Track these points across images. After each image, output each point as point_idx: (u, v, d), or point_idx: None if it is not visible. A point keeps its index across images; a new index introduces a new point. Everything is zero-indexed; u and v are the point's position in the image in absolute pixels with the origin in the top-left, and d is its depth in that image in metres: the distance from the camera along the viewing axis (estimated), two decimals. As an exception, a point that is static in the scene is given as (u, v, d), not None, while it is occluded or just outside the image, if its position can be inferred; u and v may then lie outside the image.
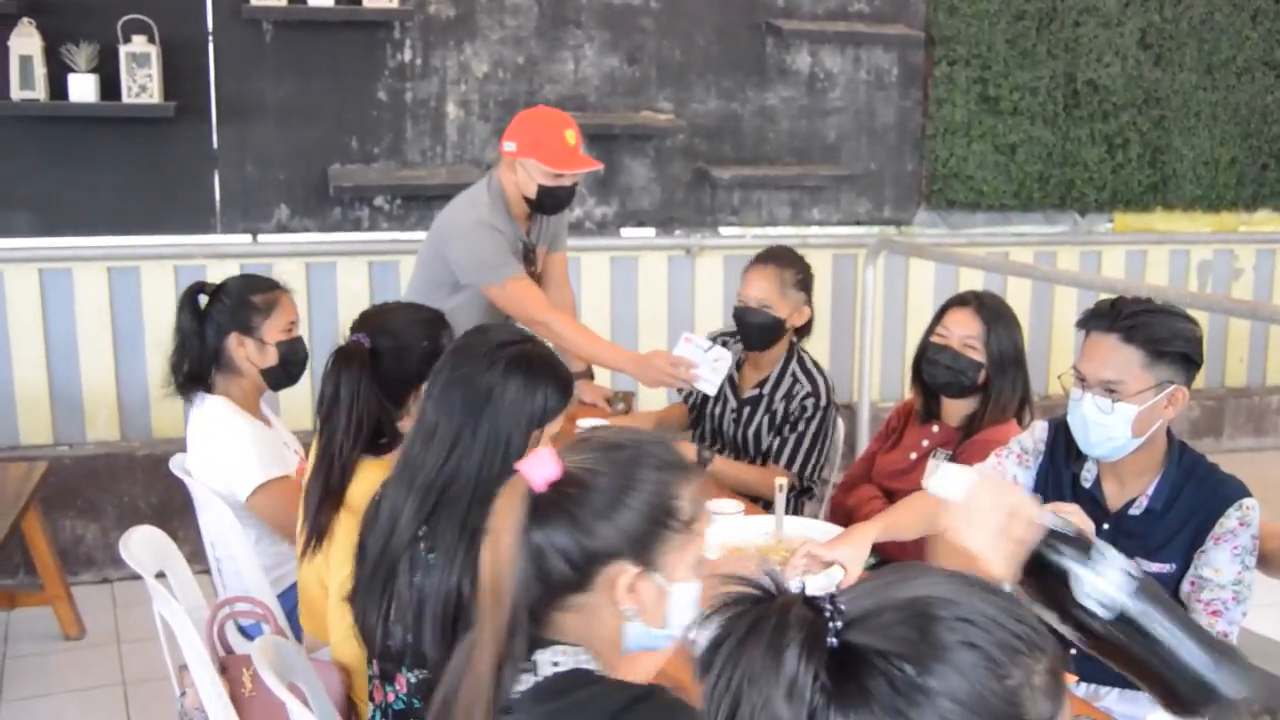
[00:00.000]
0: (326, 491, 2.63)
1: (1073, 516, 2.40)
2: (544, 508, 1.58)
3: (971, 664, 1.01)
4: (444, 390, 2.22)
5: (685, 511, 1.65)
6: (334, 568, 2.59)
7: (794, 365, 3.72)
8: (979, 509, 1.66)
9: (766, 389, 3.72)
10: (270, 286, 3.34)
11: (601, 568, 1.60)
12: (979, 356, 3.18)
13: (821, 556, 2.53)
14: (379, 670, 2.22)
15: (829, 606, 1.03)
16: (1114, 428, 2.49)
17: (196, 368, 3.25)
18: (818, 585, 2.62)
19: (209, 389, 3.26)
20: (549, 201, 3.83)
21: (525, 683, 1.58)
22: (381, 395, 2.65)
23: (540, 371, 2.24)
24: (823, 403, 3.66)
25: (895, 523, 2.72)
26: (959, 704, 0.99)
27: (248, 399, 3.30)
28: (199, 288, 3.28)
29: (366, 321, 2.79)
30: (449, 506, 2.14)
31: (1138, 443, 2.52)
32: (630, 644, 1.66)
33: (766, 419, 3.70)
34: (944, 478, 1.70)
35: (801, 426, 3.64)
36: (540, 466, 1.58)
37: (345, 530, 2.60)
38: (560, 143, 3.73)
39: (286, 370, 3.33)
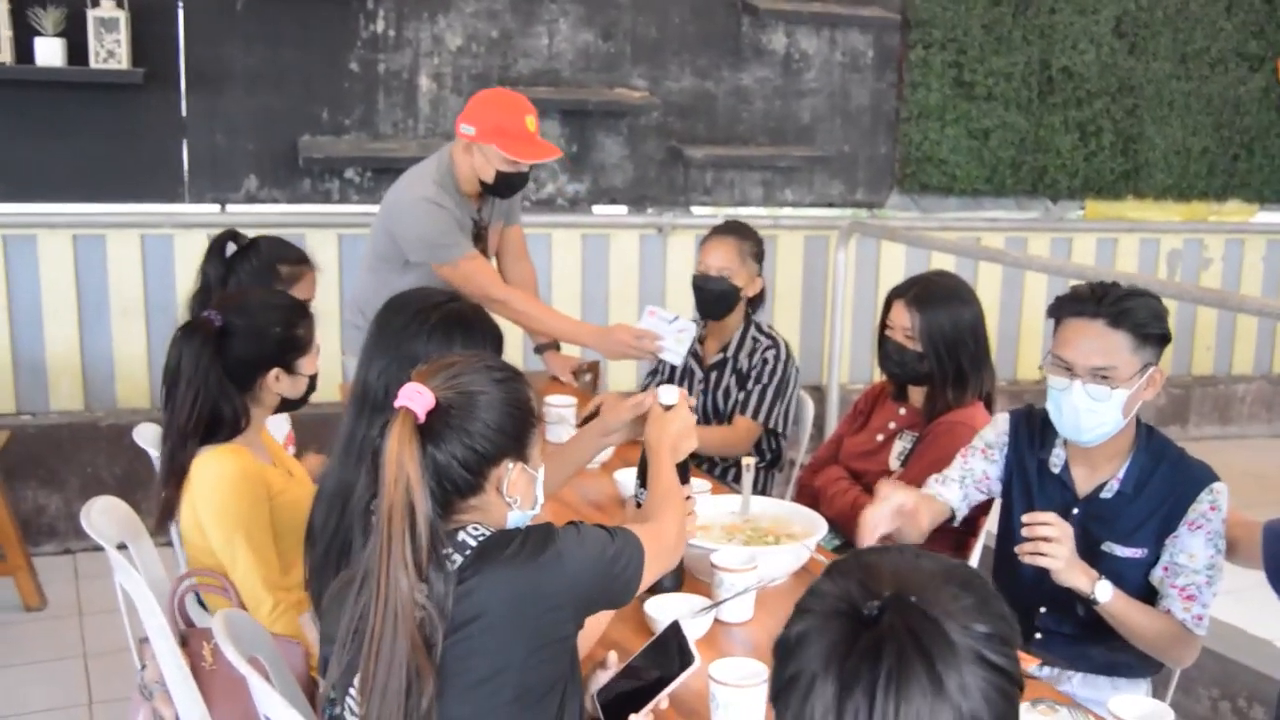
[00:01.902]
0: (171, 469, 2.63)
1: (1053, 528, 2.40)
2: (435, 430, 1.81)
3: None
4: (382, 363, 2.25)
5: (534, 408, 1.94)
6: (237, 565, 2.58)
7: (753, 330, 3.86)
8: (685, 413, 2.40)
9: (730, 351, 3.84)
10: (301, 259, 3.35)
11: (491, 468, 1.86)
12: (917, 347, 3.17)
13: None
14: None
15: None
16: (1106, 413, 2.49)
17: None
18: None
19: None
20: (504, 187, 3.82)
21: (455, 561, 1.79)
22: (225, 377, 2.63)
23: (475, 327, 2.33)
24: (783, 355, 3.80)
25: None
26: None
27: None
28: (230, 235, 3.29)
29: (223, 301, 2.77)
30: None
31: (1123, 425, 2.53)
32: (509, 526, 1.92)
33: (734, 379, 3.82)
34: (665, 391, 2.39)
35: (765, 379, 3.77)
36: (418, 398, 1.80)
37: (198, 524, 2.60)
38: (521, 130, 3.70)
39: None
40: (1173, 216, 6.69)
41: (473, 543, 1.81)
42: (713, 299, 3.78)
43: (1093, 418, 2.50)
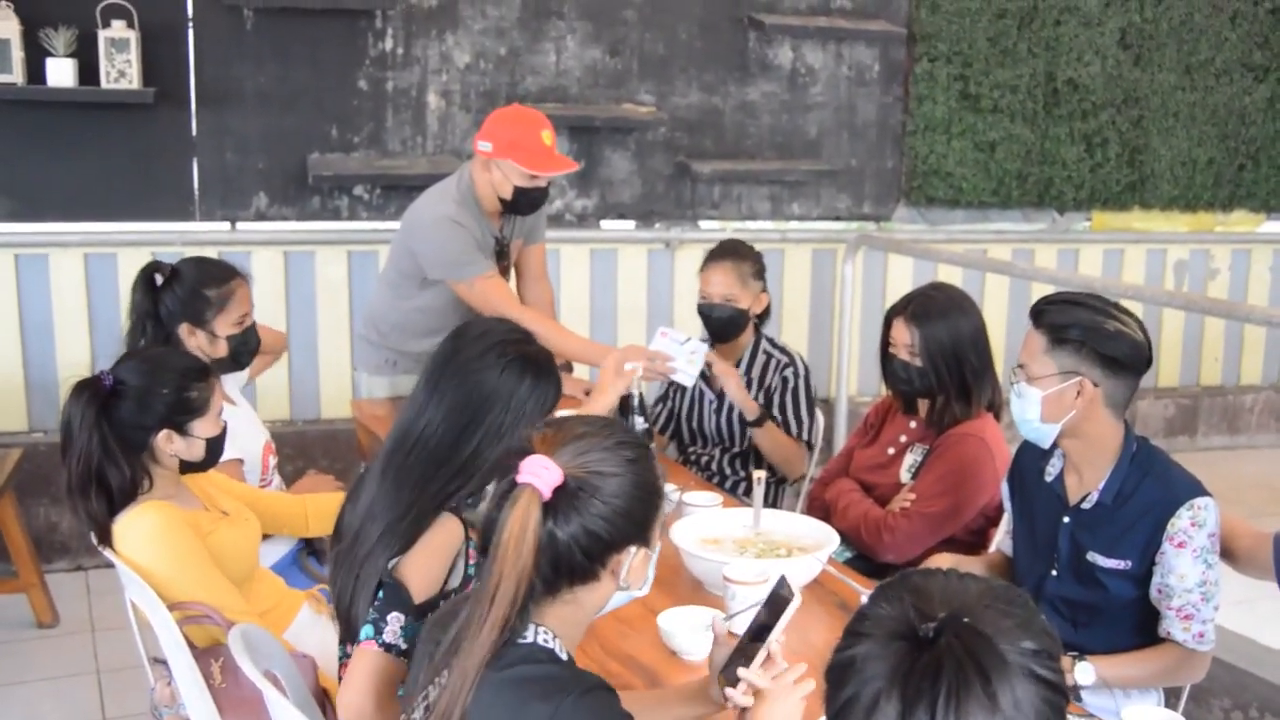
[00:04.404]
0: (88, 516, 2.60)
1: None
2: (560, 508, 1.68)
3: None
4: (443, 393, 2.26)
5: (664, 491, 1.82)
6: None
7: (764, 344, 3.85)
8: None
9: (741, 368, 3.83)
10: (226, 277, 3.28)
11: (612, 555, 1.74)
12: (920, 362, 3.20)
13: None
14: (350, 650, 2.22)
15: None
16: (1027, 410, 2.58)
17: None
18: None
19: None
20: (524, 202, 3.82)
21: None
22: (112, 440, 2.57)
23: (543, 370, 2.31)
24: (801, 370, 3.82)
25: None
26: None
27: None
28: (154, 268, 3.24)
29: (122, 359, 2.73)
30: (431, 496, 2.19)
31: (1053, 429, 2.57)
32: (608, 609, 1.82)
33: (749, 393, 3.79)
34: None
35: (790, 397, 3.78)
36: (545, 475, 1.68)
37: (152, 585, 2.55)
38: (538, 144, 3.71)
39: (237, 360, 3.31)
40: (1179, 227, 6.70)
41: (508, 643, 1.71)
42: (721, 325, 3.79)
43: (1017, 410, 2.61)
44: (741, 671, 1.83)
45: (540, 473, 1.67)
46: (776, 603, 1.89)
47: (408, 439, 2.24)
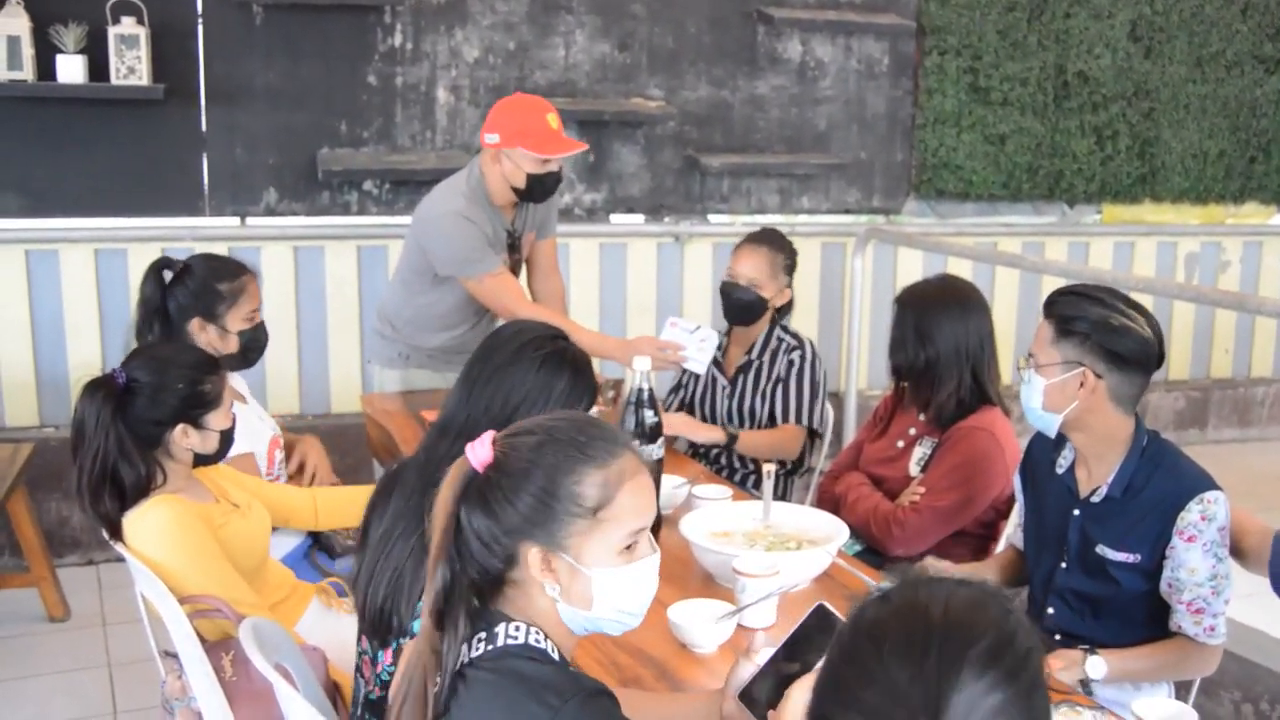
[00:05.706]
0: (98, 516, 2.61)
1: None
2: (472, 488, 1.68)
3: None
4: (481, 390, 2.28)
5: (589, 498, 1.68)
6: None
7: (776, 331, 3.87)
8: None
9: (754, 354, 3.85)
10: (237, 272, 3.30)
11: (514, 546, 1.68)
12: (894, 336, 3.29)
13: None
14: (371, 644, 2.22)
15: None
16: (1032, 398, 2.60)
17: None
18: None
19: None
20: (538, 190, 3.81)
21: (480, 650, 1.67)
22: (128, 436, 2.58)
23: (580, 369, 2.34)
24: (809, 354, 3.82)
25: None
26: None
27: None
28: (164, 263, 3.26)
29: (132, 357, 2.73)
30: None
31: (1055, 418, 2.58)
32: (579, 628, 1.75)
33: (763, 382, 3.82)
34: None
35: (796, 380, 3.79)
36: (480, 450, 1.69)
37: (162, 577, 2.55)
38: (544, 127, 3.71)
39: (246, 357, 3.31)
40: (1190, 219, 6.68)
41: (500, 642, 1.67)
42: (739, 307, 3.79)
43: (1025, 397, 2.62)
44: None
45: (475, 447, 1.69)
46: (817, 627, 1.85)
47: (449, 431, 2.26)
